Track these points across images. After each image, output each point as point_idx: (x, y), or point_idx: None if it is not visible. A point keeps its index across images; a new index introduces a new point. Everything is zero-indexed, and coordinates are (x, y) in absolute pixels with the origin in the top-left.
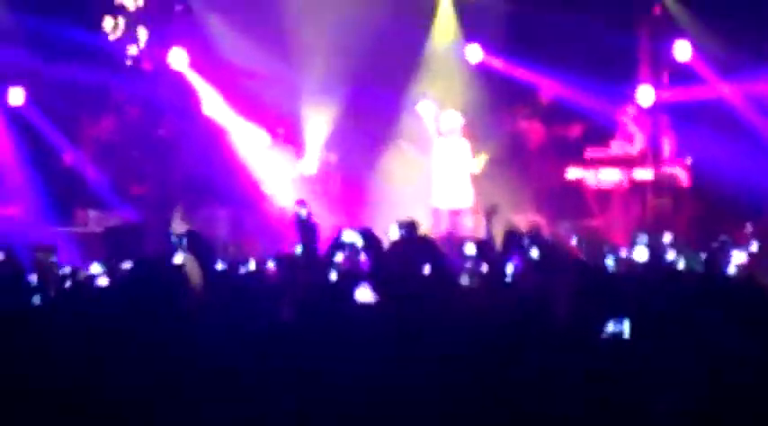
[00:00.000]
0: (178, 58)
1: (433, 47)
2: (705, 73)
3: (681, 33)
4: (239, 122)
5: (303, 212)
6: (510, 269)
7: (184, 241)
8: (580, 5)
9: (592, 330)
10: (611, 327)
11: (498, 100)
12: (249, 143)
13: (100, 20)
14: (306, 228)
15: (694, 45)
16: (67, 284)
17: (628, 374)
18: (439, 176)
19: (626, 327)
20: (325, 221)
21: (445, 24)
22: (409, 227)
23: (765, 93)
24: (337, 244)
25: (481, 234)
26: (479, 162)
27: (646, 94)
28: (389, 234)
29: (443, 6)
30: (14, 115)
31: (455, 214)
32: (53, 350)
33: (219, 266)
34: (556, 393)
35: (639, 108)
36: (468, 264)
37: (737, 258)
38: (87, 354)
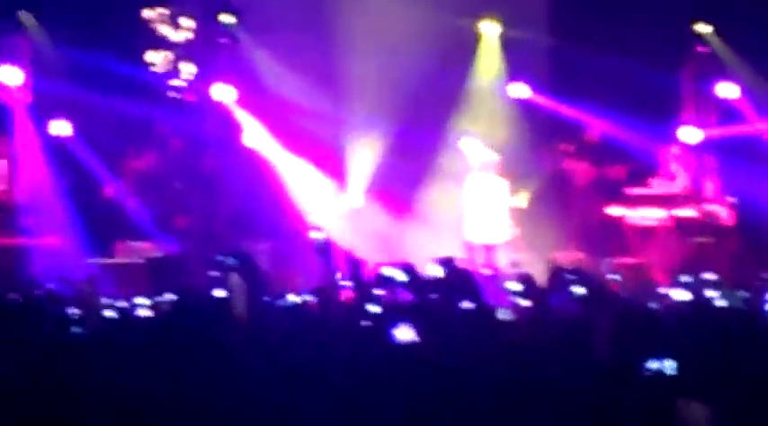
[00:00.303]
0: (223, 92)
1: (477, 83)
2: (748, 111)
3: (725, 72)
4: (284, 155)
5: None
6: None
7: (232, 261)
8: (624, 43)
9: (633, 366)
10: (653, 365)
11: (540, 137)
12: (293, 176)
13: (144, 53)
14: (350, 262)
15: (738, 83)
16: (109, 315)
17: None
18: (472, 211)
19: (668, 365)
20: (366, 255)
21: (489, 60)
22: (448, 264)
23: None
24: (378, 279)
25: (517, 268)
26: (522, 197)
27: (690, 133)
28: (429, 270)
29: (487, 43)
30: (58, 147)
31: (489, 249)
32: (96, 380)
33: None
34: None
35: (683, 147)
36: (512, 299)
37: None
38: (130, 384)
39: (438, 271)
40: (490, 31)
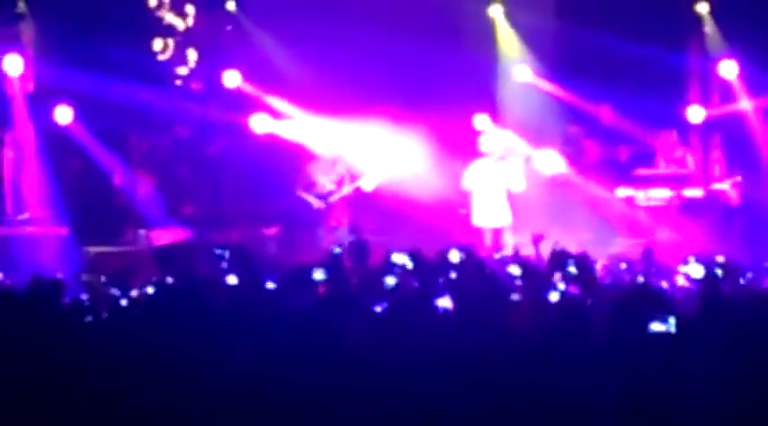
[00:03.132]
0: (231, 78)
1: (502, 66)
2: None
3: (728, 51)
4: (298, 134)
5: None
6: (561, 286)
7: (227, 254)
8: (628, 25)
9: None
10: (656, 326)
11: (551, 118)
12: (311, 154)
13: (150, 40)
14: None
15: (739, 62)
16: (122, 303)
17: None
18: (479, 195)
19: (672, 323)
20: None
21: (509, 43)
22: (468, 251)
23: None
24: (387, 266)
25: (524, 251)
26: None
27: (695, 113)
28: (450, 257)
29: (502, 26)
30: (64, 134)
31: (496, 232)
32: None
33: (270, 285)
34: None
35: (689, 127)
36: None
37: None
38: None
39: (458, 257)
40: (500, 15)
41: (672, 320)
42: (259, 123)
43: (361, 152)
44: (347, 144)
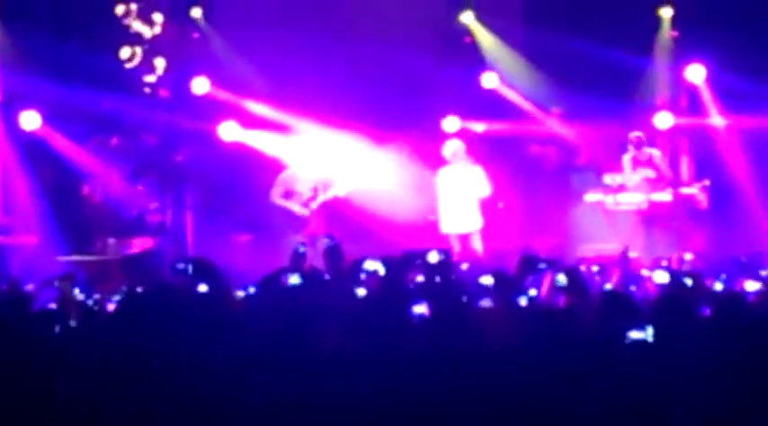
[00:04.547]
0: (200, 85)
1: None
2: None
3: (696, 55)
4: (267, 145)
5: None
6: (532, 292)
7: (190, 268)
8: (595, 28)
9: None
10: (634, 334)
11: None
12: (280, 163)
13: (117, 49)
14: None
15: (708, 68)
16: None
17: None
18: (445, 202)
19: (649, 333)
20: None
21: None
22: (447, 254)
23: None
24: (358, 272)
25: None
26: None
27: (663, 119)
28: (429, 258)
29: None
30: (30, 142)
31: (464, 238)
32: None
33: (241, 293)
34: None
35: (656, 132)
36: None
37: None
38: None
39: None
40: (471, 20)
41: (649, 330)
42: (227, 131)
43: (332, 161)
44: (317, 153)
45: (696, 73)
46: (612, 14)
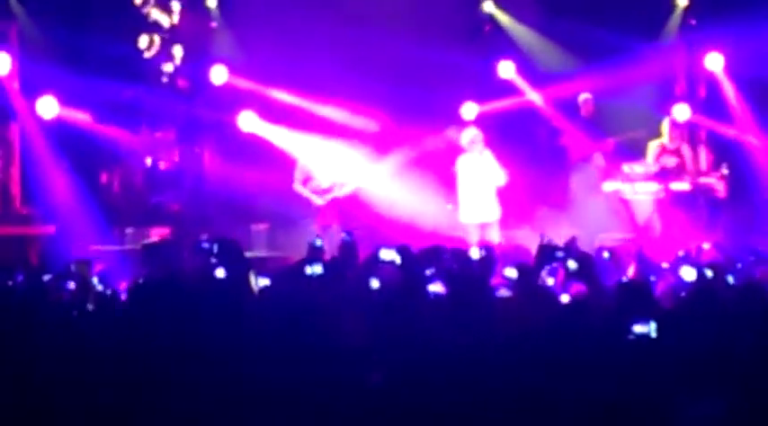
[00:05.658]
0: (218, 74)
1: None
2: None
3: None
4: (283, 135)
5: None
6: (550, 281)
7: (216, 248)
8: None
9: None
10: (638, 328)
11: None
12: (295, 154)
13: (135, 37)
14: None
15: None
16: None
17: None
18: (464, 191)
19: (652, 328)
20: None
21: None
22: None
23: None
24: (375, 262)
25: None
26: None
27: (681, 111)
28: (471, 254)
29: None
30: (48, 131)
31: (483, 227)
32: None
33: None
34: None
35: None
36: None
37: None
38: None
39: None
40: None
41: (653, 325)
42: (246, 121)
43: (347, 160)
44: (329, 154)
45: (715, 62)
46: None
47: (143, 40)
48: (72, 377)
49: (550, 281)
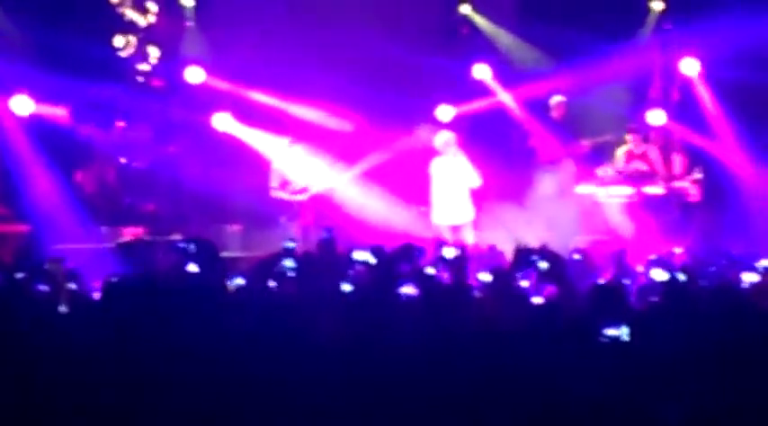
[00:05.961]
0: (194, 74)
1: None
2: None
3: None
4: (258, 135)
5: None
6: (524, 284)
7: (192, 247)
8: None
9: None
10: (610, 331)
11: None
12: (269, 155)
13: (110, 37)
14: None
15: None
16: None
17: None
18: (438, 193)
19: (624, 332)
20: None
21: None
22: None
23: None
24: (349, 262)
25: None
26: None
27: (656, 116)
28: (445, 253)
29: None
30: (22, 129)
31: (457, 229)
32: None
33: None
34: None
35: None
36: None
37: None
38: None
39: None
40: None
41: (624, 328)
42: (221, 122)
43: (322, 160)
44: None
45: (690, 66)
46: (607, 6)
47: (119, 40)
48: (45, 376)
49: (524, 283)
